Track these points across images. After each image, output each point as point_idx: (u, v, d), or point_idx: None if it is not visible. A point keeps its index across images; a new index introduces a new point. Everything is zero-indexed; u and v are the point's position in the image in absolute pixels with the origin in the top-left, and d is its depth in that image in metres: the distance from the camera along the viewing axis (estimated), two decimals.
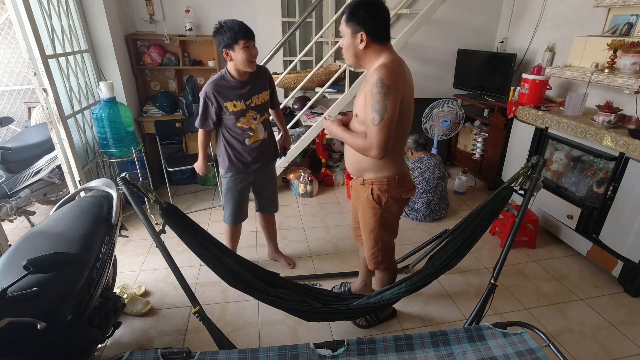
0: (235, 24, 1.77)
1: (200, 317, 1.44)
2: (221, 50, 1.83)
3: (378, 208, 1.63)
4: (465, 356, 1.27)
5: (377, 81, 1.36)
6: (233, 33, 1.75)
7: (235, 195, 2.13)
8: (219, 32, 1.78)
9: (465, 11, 3.82)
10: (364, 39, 1.43)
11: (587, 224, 2.44)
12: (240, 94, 1.91)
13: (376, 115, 1.37)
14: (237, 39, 1.76)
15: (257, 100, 1.98)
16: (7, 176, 2.51)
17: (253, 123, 1.99)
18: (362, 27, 1.42)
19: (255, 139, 2.03)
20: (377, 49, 1.46)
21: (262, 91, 1.99)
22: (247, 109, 1.94)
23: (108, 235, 1.59)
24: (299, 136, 3.35)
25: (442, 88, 4.07)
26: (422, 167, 2.97)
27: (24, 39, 2.13)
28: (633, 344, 1.90)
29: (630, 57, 2.31)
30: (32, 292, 1.04)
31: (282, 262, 2.50)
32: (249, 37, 1.79)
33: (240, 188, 2.12)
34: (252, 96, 1.95)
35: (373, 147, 1.41)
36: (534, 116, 2.78)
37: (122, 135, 2.80)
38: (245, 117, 1.96)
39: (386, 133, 1.38)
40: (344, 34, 1.48)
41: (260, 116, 2.01)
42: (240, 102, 1.92)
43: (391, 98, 1.36)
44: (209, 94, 1.88)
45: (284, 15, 3.59)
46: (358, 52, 1.47)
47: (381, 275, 1.84)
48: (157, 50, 3.31)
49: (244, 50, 1.79)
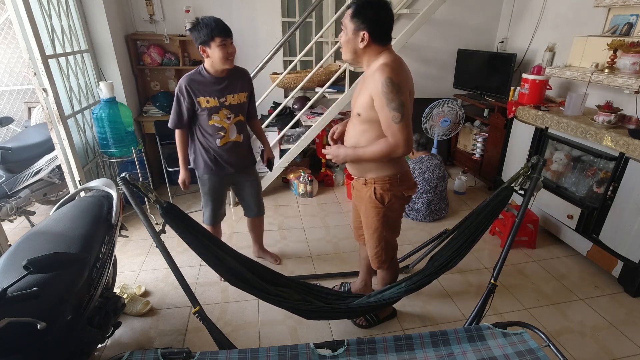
0: (212, 21, 1.75)
1: (200, 317, 1.44)
2: (198, 46, 1.81)
3: (381, 207, 1.63)
4: (465, 356, 1.27)
5: (387, 80, 1.36)
6: (210, 30, 1.74)
7: (211, 196, 2.11)
8: (196, 28, 1.76)
9: (465, 11, 3.82)
10: (366, 39, 1.43)
11: (587, 224, 2.44)
12: (214, 90, 1.89)
13: (396, 113, 1.38)
14: (214, 36, 1.75)
15: (233, 100, 1.95)
16: (7, 176, 2.51)
17: (226, 122, 1.95)
18: (366, 26, 1.41)
19: (227, 140, 1.99)
20: (376, 50, 1.46)
21: (238, 92, 1.96)
22: (221, 106, 1.91)
23: (108, 235, 1.59)
24: (299, 136, 3.35)
25: (442, 88, 4.07)
26: (422, 167, 2.97)
27: (24, 39, 2.13)
28: (633, 344, 1.90)
29: (630, 57, 2.31)
30: (32, 292, 1.04)
31: (268, 260, 2.51)
32: (226, 35, 1.77)
33: (218, 189, 2.10)
34: (227, 94, 1.92)
35: (400, 145, 1.42)
36: (534, 116, 2.78)
37: (122, 135, 2.80)
38: (218, 115, 1.92)
39: (409, 127, 1.42)
40: (346, 28, 1.47)
41: (234, 116, 1.97)
42: (213, 99, 1.89)
43: (404, 94, 1.38)
44: (182, 88, 1.85)
45: (284, 15, 3.59)
46: (357, 50, 1.47)
47: (383, 274, 1.85)
48: (157, 50, 3.31)
49: (220, 47, 1.77)
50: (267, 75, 3.44)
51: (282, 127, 3.37)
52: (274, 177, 3.34)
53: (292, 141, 3.38)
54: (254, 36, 3.57)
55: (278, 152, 3.42)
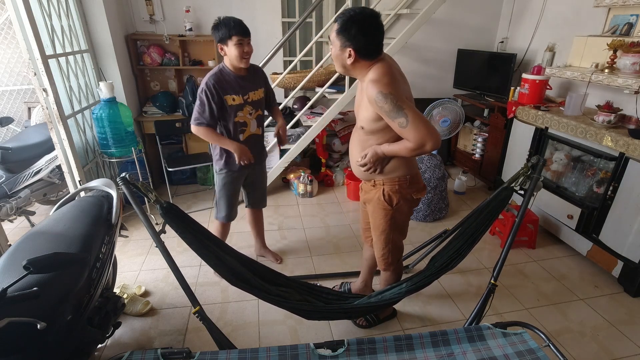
0: (230, 21, 1.85)
1: (200, 317, 1.44)
2: (217, 44, 1.90)
3: (389, 209, 1.62)
4: (465, 356, 1.27)
5: (378, 95, 1.35)
6: (228, 29, 1.83)
7: (230, 191, 2.15)
8: (217, 27, 1.86)
9: (465, 11, 3.82)
10: (353, 56, 1.41)
11: (587, 224, 2.44)
12: (238, 88, 1.96)
13: (401, 119, 1.36)
14: (231, 35, 1.83)
15: (254, 96, 2.03)
16: (7, 176, 2.51)
17: (248, 118, 2.04)
18: (352, 44, 1.39)
19: (249, 134, 2.07)
20: (365, 64, 1.44)
21: (258, 88, 2.05)
22: (245, 103, 1.99)
23: (108, 235, 1.59)
24: (299, 136, 3.35)
25: (442, 88, 4.07)
26: (422, 167, 2.97)
27: (24, 39, 2.13)
28: (633, 344, 1.90)
29: (630, 57, 2.31)
30: (32, 292, 1.03)
31: (269, 258, 2.53)
32: (243, 34, 1.86)
33: (235, 184, 2.15)
34: (249, 91, 2.00)
35: (423, 142, 1.36)
36: (534, 116, 2.78)
37: (122, 135, 2.80)
38: (242, 112, 2.00)
39: (422, 122, 1.36)
40: (333, 43, 1.45)
41: (255, 112, 2.06)
42: (238, 96, 1.96)
43: (399, 98, 1.36)
44: (210, 86, 1.89)
45: (284, 15, 3.59)
46: (346, 65, 1.45)
47: (387, 276, 1.84)
48: (157, 50, 3.31)
49: (237, 46, 1.85)
50: (267, 75, 3.44)
51: None
52: (274, 177, 3.34)
53: (292, 141, 3.38)
54: (254, 36, 3.47)
55: (278, 152, 3.43)
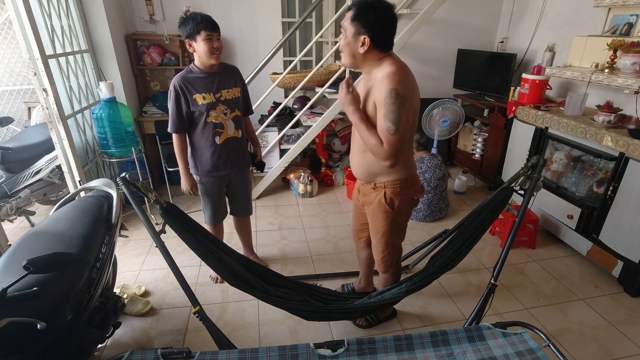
0: (198, 16, 1.78)
1: (200, 317, 1.44)
2: (185, 40, 1.83)
3: (390, 212, 1.61)
4: (465, 356, 1.27)
5: (392, 92, 1.32)
6: (195, 23, 1.76)
7: (212, 197, 2.11)
8: (184, 22, 1.79)
9: (465, 11, 3.82)
10: (366, 44, 1.37)
11: (587, 224, 2.44)
12: (208, 85, 1.89)
13: (391, 125, 1.34)
14: (200, 30, 1.77)
15: (227, 95, 1.95)
16: (7, 176, 2.51)
17: (223, 118, 1.96)
18: (367, 31, 1.35)
19: (226, 136, 1.99)
20: (377, 55, 1.41)
21: (232, 87, 1.98)
22: (217, 102, 1.92)
23: (108, 235, 1.59)
24: (299, 136, 3.35)
25: (442, 88, 4.07)
26: (423, 167, 2.97)
27: (24, 39, 2.13)
28: (633, 344, 1.90)
29: (630, 57, 2.31)
30: (32, 292, 1.03)
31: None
32: (212, 29, 1.79)
33: (217, 190, 2.10)
34: (222, 89, 1.93)
35: (388, 156, 1.39)
36: (534, 116, 2.78)
37: (122, 135, 2.80)
38: (216, 111, 1.92)
39: (401, 142, 1.38)
40: (345, 31, 1.41)
41: (230, 112, 1.98)
42: (209, 94, 1.89)
43: (406, 108, 1.34)
44: (177, 86, 1.85)
45: (284, 15, 3.59)
46: (356, 54, 1.41)
47: (386, 277, 1.84)
48: (157, 50, 3.30)
49: (206, 41, 1.78)
50: (267, 75, 3.44)
51: (282, 127, 3.37)
52: (274, 177, 3.34)
53: (292, 141, 3.38)
54: (254, 36, 3.57)
55: (278, 152, 3.43)
